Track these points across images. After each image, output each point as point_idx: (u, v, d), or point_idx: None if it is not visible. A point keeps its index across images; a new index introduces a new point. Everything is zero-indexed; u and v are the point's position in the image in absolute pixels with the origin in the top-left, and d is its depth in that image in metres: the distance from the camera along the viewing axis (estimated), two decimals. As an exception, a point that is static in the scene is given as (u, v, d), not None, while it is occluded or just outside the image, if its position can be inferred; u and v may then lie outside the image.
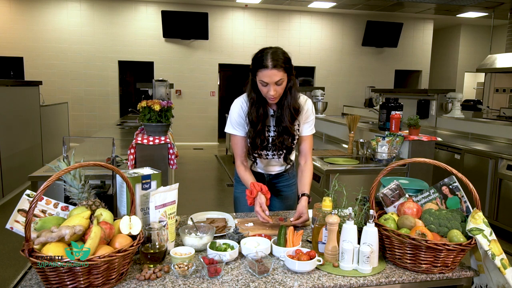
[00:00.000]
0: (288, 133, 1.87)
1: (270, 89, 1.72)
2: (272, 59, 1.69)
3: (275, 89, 1.73)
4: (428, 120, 5.68)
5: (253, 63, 1.75)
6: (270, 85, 1.72)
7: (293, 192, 2.14)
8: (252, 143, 1.88)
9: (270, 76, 1.70)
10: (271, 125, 1.91)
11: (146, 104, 2.62)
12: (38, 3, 8.85)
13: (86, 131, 9.22)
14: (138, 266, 1.33)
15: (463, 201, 1.48)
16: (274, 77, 1.70)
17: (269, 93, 1.73)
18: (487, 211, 4.04)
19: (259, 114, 1.84)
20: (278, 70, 1.69)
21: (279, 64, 1.69)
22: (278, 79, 1.71)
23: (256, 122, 1.84)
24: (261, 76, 1.71)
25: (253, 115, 1.83)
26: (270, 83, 1.71)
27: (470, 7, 8.74)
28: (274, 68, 1.69)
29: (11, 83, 5.54)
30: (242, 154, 1.95)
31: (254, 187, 1.77)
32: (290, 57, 1.78)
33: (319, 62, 10.43)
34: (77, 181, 1.44)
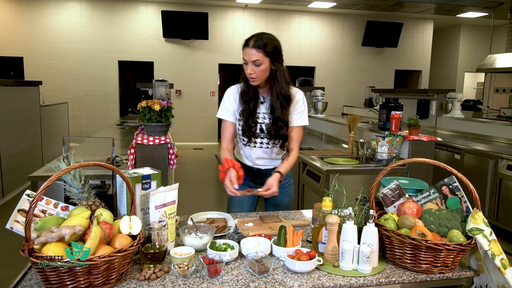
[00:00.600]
0: (281, 121, 1.90)
1: (247, 67, 1.82)
2: (255, 40, 1.80)
3: (252, 68, 1.81)
4: (428, 120, 5.68)
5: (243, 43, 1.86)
6: (249, 63, 1.81)
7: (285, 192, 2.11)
8: (246, 123, 1.94)
9: (248, 54, 1.80)
10: (261, 112, 1.95)
11: (146, 104, 2.61)
12: (38, 3, 8.85)
13: (86, 131, 9.22)
14: (138, 266, 1.33)
15: (463, 201, 1.48)
16: (252, 56, 1.79)
17: (247, 71, 1.82)
18: (487, 211, 4.04)
19: (251, 93, 1.92)
20: (257, 51, 1.79)
21: (259, 45, 1.79)
22: (255, 58, 1.80)
23: (248, 101, 1.93)
24: (243, 54, 1.83)
25: (246, 95, 1.93)
26: (248, 61, 1.81)
27: (470, 7, 8.74)
28: (253, 48, 1.79)
29: (11, 83, 5.55)
30: (228, 139, 2.01)
31: (226, 163, 1.81)
32: (279, 45, 1.87)
33: (319, 62, 10.43)
34: (77, 181, 1.44)
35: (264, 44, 1.80)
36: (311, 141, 4.45)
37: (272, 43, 1.83)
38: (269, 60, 1.82)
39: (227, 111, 2.00)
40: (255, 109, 1.94)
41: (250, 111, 1.93)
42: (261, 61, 1.80)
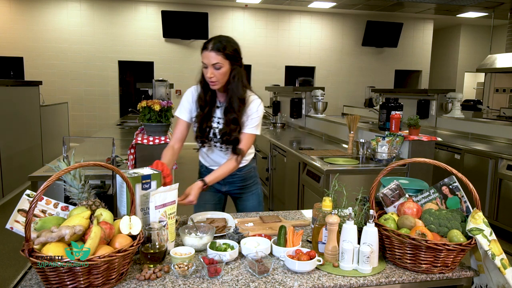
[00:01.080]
0: (236, 123, 1.88)
1: (207, 71, 1.80)
2: (214, 43, 1.78)
3: (212, 72, 1.79)
4: (428, 120, 5.68)
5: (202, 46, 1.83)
6: (209, 67, 1.78)
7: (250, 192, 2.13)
8: (199, 127, 1.93)
9: (208, 58, 1.77)
10: (216, 116, 1.94)
11: (146, 104, 2.62)
12: (38, 3, 8.85)
13: (86, 131, 9.22)
14: (138, 266, 1.33)
15: (463, 201, 1.48)
16: (212, 59, 1.77)
17: (207, 75, 1.80)
18: (487, 211, 4.04)
19: (207, 98, 1.90)
20: (217, 54, 1.77)
21: (219, 48, 1.77)
22: (215, 61, 1.77)
23: (203, 106, 1.91)
24: (202, 57, 1.80)
25: (201, 99, 1.91)
26: (208, 65, 1.78)
27: (470, 7, 8.74)
28: (212, 51, 1.76)
29: (11, 83, 5.55)
30: (177, 138, 1.98)
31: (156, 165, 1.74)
32: (238, 48, 1.86)
33: (319, 62, 10.43)
34: (77, 181, 1.44)
35: (223, 46, 1.77)
36: (311, 141, 4.45)
37: (231, 45, 1.81)
38: (229, 63, 1.80)
39: (183, 110, 1.98)
40: (211, 114, 1.93)
41: (205, 115, 1.91)
42: (221, 64, 1.78)
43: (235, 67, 1.84)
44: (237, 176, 2.08)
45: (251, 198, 2.14)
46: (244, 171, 2.10)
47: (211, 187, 2.05)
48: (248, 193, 2.14)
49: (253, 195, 2.14)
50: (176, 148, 1.97)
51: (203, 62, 1.80)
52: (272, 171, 4.48)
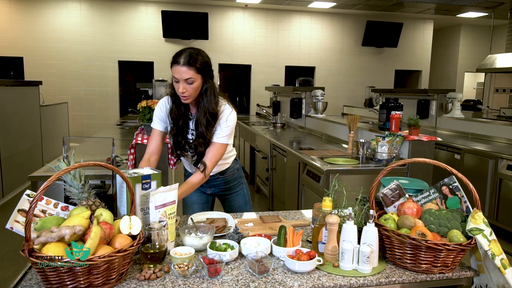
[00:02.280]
0: (203, 137, 1.83)
1: (179, 86, 1.74)
2: (185, 57, 1.72)
3: (185, 87, 1.73)
4: (428, 120, 5.68)
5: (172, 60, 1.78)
6: (181, 82, 1.73)
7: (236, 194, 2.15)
8: (174, 140, 1.89)
9: (180, 72, 1.72)
10: (190, 128, 1.90)
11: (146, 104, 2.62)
12: (38, 3, 8.85)
13: (86, 131, 9.22)
14: (138, 266, 1.33)
15: (463, 201, 1.48)
16: (184, 74, 1.71)
17: (179, 90, 1.74)
18: (487, 211, 4.04)
19: (180, 112, 1.86)
20: (189, 68, 1.71)
21: (190, 62, 1.71)
22: (188, 77, 1.72)
23: (177, 119, 1.86)
24: (173, 71, 1.75)
25: (174, 112, 1.86)
26: (180, 80, 1.73)
27: (470, 7, 8.74)
28: (184, 65, 1.71)
29: (11, 83, 5.54)
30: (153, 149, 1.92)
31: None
32: (209, 61, 1.80)
33: (319, 62, 10.43)
34: (77, 181, 1.44)
35: (194, 60, 1.72)
36: (311, 141, 4.45)
37: (202, 59, 1.75)
38: (201, 77, 1.75)
39: (157, 121, 1.94)
40: (186, 126, 1.90)
41: (180, 128, 1.87)
42: (193, 79, 1.73)
43: (207, 81, 1.79)
44: (220, 179, 2.10)
45: (236, 198, 2.15)
46: (226, 173, 2.10)
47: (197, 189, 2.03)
48: (233, 194, 2.15)
49: (239, 195, 2.16)
50: (153, 160, 1.91)
51: (174, 76, 1.74)
52: (272, 171, 4.48)
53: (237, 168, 2.17)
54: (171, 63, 1.76)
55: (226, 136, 1.87)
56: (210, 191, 2.14)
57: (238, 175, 2.17)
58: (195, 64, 1.72)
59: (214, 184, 2.11)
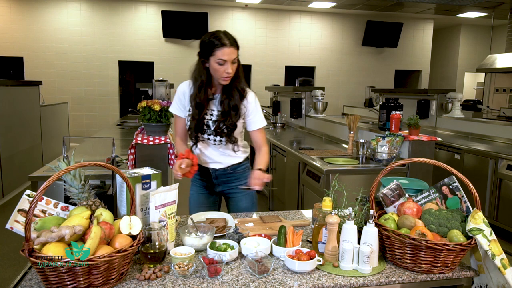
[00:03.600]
0: (236, 110, 1.90)
1: (227, 67, 1.80)
2: (228, 38, 1.80)
3: (232, 67, 1.81)
4: (428, 120, 5.68)
5: (207, 44, 1.81)
6: (228, 63, 1.80)
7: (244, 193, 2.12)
8: (196, 125, 1.93)
9: (229, 53, 1.78)
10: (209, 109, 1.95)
11: (146, 104, 2.62)
12: (38, 3, 8.85)
13: (86, 131, 9.22)
14: (138, 266, 1.33)
15: (463, 201, 1.48)
16: (232, 54, 1.79)
17: (227, 71, 1.80)
18: (487, 211, 4.04)
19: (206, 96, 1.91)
20: (235, 48, 1.81)
21: (234, 42, 1.81)
22: (234, 57, 1.81)
23: (202, 104, 1.91)
24: (219, 54, 1.78)
25: (200, 97, 1.89)
26: (228, 60, 1.79)
27: (470, 7, 8.74)
28: (231, 46, 1.79)
29: (11, 83, 5.54)
30: (181, 133, 2.05)
31: (188, 153, 1.85)
32: None
33: (319, 62, 10.43)
34: (77, 181, 1.44)
35: (235, 40, 1.82)
36: (311, 141, 4.45)
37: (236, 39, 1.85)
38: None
39: (178, 107, 2.00)
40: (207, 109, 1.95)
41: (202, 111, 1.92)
42: (236, 58, 1.83)
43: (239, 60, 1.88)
44: (230, 175, 2.08)
45: (244, 198, 2.12)
46: (237, 170, 2.09)
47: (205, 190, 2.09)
48: (241, 194, 2.12)
49: (247, 195, 2.13)
50: (184, 141, 2.04)
51: (221, 59, 1.78)
52: (272, 171, 4.48)
53: (248, 167, 2.15)
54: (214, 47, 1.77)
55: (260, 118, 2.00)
56: (219, 188, 2.12)
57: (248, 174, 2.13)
58: (237, 43, 1.82)
59: (224, 180, 2.08)
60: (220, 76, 1.83)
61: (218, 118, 1.92)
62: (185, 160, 1.82)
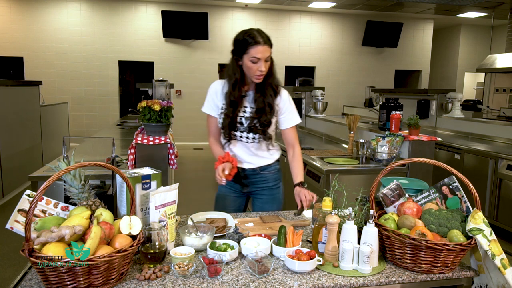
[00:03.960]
0: (270, 107, 1.91)
1: (261, 65, 1.80)
2: (263, 36, 1.80)
3: (265, 65, 1.81)
4: (428, 120, 5.68)
5: (241, 43, 1.82)
6: (261, 61, 1.79)
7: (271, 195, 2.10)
8: (230, 123, 1.93)
9: (262, 52, 1.78)
10: (247, 106, 1.95)
11: (146, 104, 2.61)
12: (38, 3, 8.85)
13: (86, 131, 9.22)
14: (138, 266, 1.33)
15: (463, 201, 1.48)
16: (266, 52, 1.79)
17: (260, 69, 1.80)
18: (487, 211, 4.04)
19: (238, 94, 1.91)
20: (269, 46, 1.80)
21: (268, 40, 1.81)
22: (268, 54, 1.80)
23: (236, 102, 1.91)
24: (253, 53, 1.78)
25: (235, 95, 1.90)
26: (261, 58, 1.79)
27: (470, 7, 8.74)
28: (265, 44, 1.78)
29: (11, 83, 5.54)
30: (214, 133, 2.04)
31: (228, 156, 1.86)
32: None
33: (319, 62, 10.43)
34: (77, 181, 1.44)
35: (269, 38, 1.82)
36: (311, 141, 4.44)
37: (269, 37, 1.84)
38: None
39: (211, 106, 2.00)
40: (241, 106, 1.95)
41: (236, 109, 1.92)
42: (270, 56, 1.82)
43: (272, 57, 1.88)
44: (259, 176, 2.05)
45: (271, 202, 2.09)
46: (267, 171, 2.07)
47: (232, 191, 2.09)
48: (269, 196, 2.09)
49: (274, 199, 2.10)
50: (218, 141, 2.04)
51: (255, 57, 1.77)
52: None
53: (278, 169, 2.13)
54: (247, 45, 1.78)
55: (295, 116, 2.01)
56: (247, 189, 2.09)
57: (277, 177, 2.12)
58: (270, 41, 1.81)
59: (253, 180, 2.06)
60: (253, 74, 1.83)
61: (252, 115, 1.92)
62: (227, 164, 1.82)
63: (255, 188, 2.09)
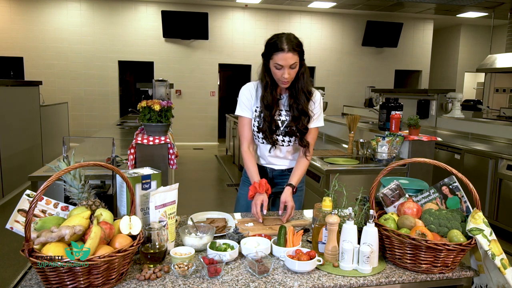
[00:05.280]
0: (305, 114, 1.89)
1: (284, 72, 1.77)
2: (287, 43, 1.75)
3: (289, 72, 1.78)
4: (428, 120, 5.68)
5: (268, 47, 1.81)
6: (285, 68, 1.77)
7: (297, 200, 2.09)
8: (269, 127, 1.90)
9: (285, 59, 1.75)
10: (282, 109, 1.93)
11: (146, 104, 2.61)
12: (38, 3, 8.85)
13: (86, 131, 9.22)
14: (138, 266, 1.33)
15: (463, 201, 1.48)
16: (289, 60, 1.75)
17: (283, 76, 1.77)
18: (487, 211, 4.04)
19: (273, 97, 1.88)
20: (293, 53, 1.75)
21: (293, 47, 1.75)
22: (292, 62, 1.76)
23: (271, 106, 1.88)
24: (276, 59, 1.76)
25: (268, 99, 1.87)
26: (285, 66, 1.76)
27: (470, 7, 8.74)
28: (289, 52, 1.74)
29: (11, 83, 5.55)
30: (248, 138, 1.96)
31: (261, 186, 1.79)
32: (302, 43, 1.84)
33: (319, 62, 10.43)
34: (77, 181, 1.44)
35: (296, 44, 1.77)
36: (311, 141, 4.44)
37: (298, 41, 1.80)
38: (299, 60, 1.81)
39: (246, 109, 1.95)
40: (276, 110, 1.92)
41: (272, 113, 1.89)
42: (296, 63, 1.78)
43: (303, 63, 1.85)
44: (286, 177, 2.03)
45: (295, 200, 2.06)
46: None
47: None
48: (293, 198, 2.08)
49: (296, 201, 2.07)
50: (252, 150, 1.99)
51: (278, 64, 1.76)
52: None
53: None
54: (272, 51, 1.76)
55: (321, 119, 1.97)
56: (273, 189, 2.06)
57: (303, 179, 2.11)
58: (297, 48, 1.77)
59: (279, 181, 2.06)
60: (278, 80, 1.82)
61: (288, 119, 1.91)
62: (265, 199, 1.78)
63: (280, 188, 2.07)
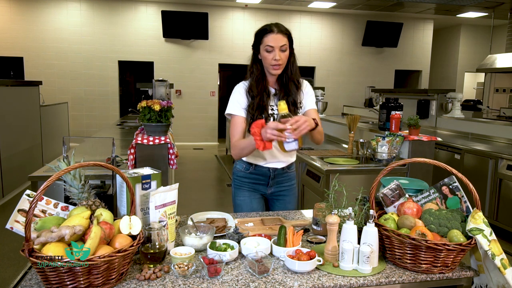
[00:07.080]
0: (295, 105, 1.91)
1: (275, 53, 1.80)
2: (276, 26, 1.82)
3: (280, 54, 1.80)
4: (428, 120, 5.68)
5: (257, 34, 1.85)
6: (276, 49, 1.80)
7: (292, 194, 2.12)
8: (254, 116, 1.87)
9: (275, 39, 1.79)
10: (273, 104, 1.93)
11: (146, 104, 2.61)
12: (38, 3, 8.85)
13: (86, 131, 9.22)
14: (138, 266, 1.33)
15: (463, 201, 1.48)
16: (279, 40, 1.79)
17: (275, 58, 1.80)
18: (487, 211, 4.04)
19: (259, 88, 1.89)
20: (283, 35, 1.81)
21: (283, 30, 1.82)
22: (283, 43, 1.80)
23: (257, 96, 1.89)
24: (266, 41, 1.80)
25: (254, 90, 1.89)
26: (275, 47, 1.79)
27: (470, 7, 8.74)
28: (279, 33, 1.80)
29: (11, 83, 5.55)
30: (239, 135, 1.90)
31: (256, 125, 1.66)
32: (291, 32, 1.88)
33: (319, 62, 10.43)
34: (77, 181, 1.44)
35: (286, 29, 1.83)
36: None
37: (288, 30, 1.86)
38: (289, 47, 1.84)
39: (237, 106, 1.91)
40: (266, 103, 1.90)
41: (259, 104, 1.87)
42: (286, 46, 1.82)
43: (292, 52, 1.89)
44: (285, 176, 2.05)
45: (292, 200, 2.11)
46: (291, 169, 2.09)
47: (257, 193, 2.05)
48: (290, 195, 2.10)
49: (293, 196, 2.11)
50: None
51: (269, 45, 1.79)
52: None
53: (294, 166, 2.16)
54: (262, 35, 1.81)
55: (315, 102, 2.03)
56: (271, 190, 2.07)
57: (293, 175, 2.13)
58: (287, 32, 1.83)
59: (279, 180, 2.05)
60: (269, 64, 1.83)
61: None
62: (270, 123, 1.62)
63: (279, 188, 2.07)
